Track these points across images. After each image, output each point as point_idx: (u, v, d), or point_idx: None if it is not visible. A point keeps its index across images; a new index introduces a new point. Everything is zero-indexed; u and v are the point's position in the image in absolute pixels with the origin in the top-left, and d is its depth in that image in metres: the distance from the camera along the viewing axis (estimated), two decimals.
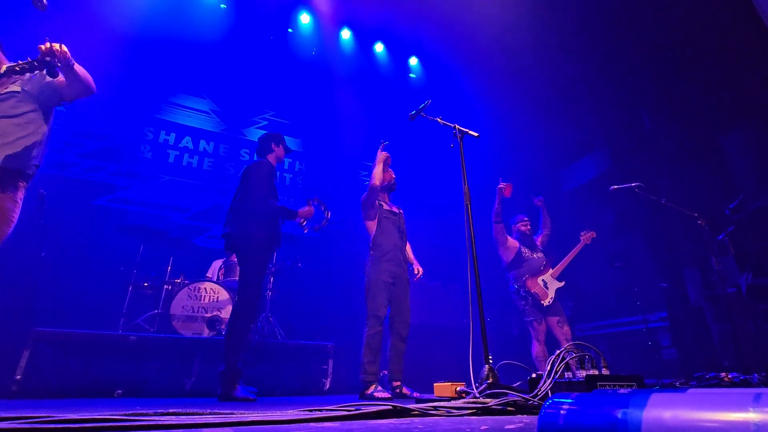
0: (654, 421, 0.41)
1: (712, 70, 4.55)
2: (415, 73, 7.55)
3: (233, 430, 0.98)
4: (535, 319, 3.91)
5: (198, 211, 5.97)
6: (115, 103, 5.67)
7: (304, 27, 6.77)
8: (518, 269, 4.10)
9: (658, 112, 5.24)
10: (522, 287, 3.99)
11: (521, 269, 4.09)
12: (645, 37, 5.09)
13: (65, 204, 4.78)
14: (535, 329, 3.91)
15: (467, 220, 2.49)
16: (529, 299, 3.94)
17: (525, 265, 4.09)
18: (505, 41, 6.07)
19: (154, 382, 3.58)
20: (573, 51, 5.71)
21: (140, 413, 1.16)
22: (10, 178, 2.07)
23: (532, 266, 4.08)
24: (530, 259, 4.12)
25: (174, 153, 6.11)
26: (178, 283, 4.33)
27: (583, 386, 1.49)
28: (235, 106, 6.73)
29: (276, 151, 3.49)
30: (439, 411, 1.42)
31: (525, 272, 4.04)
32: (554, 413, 0.50)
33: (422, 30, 6.84)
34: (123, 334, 3.67)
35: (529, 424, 1.11)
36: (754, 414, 0.36)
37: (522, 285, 3.99)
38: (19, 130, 2.12)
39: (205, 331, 4.21)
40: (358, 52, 7.03)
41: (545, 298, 3.91)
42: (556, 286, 4.01)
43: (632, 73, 5.34)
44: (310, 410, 1.38)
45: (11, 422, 0.93)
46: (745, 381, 2.84)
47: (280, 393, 3.97)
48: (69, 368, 3.38)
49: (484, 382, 1.99)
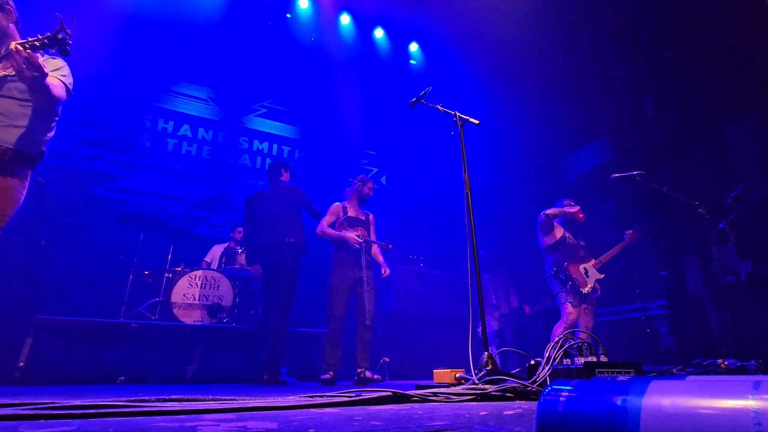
0: (653, 408, 0.41)
1: (716, 59, 4.49)
2: (416, 60, 7.46)
3: (235, 416, 0.99)
4: (572, 301, 3.84)
5: (198, 201, 5.97)
6: (112, 91, 5.62)
7: (303, 12, 6.66)
8: (559, 254, 4.00)
9: (662, 101, 5.19)
10: (562, 271, 3.91)
11: (562, 254, 3.98)
12: (648, 25, 5.02)
13: (64, 193, 4.77)
14: (569, 311, 3.82)
15: (467, 208, 2.49)
16: (568, 284, 3.87)
17: (567, 251, 3.99)
18: (507, 29, 5.98)
19: (157, 369, 3.62)
20: (575, 39, 5.63)
21: (143, 399, 1.17)
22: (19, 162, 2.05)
23: (574, 253, 4.00)
24: (573, 245, 4.03)
25: (173, 141, 6.08)
26: (178, 271, 4.35)
27: (581, 373, 1.50)
28: (234, 94, 6.68)
29: (284, 176, 4.00)
30: (439, 397, 1.43)
31: (566, 257, 3.96)
32: (553, 400, 0.50)
33: (423, 15, 6.73)
34: (125, 321, 3.70)
35: (527, 409, 1.13)
36: (754, 401, 0.36)
37: (562, 269, 3.91)
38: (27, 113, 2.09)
39: (206, 319, 4.24)
40: (358, 37, 6.93)
41: (585, 286, 3.85)
42: (597, 276, 3.95)
43: (636, 61, 5.26)
44: (311, 396, 1.39)
45: (15, 408, 0.94)
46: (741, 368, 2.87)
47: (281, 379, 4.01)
48: (71, 355, 3.41)
49: (484, 369, 2.01)
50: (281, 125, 6.98)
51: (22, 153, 2.06)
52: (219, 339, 3.95)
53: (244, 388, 2.76)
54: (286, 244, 3.67)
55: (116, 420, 0.90)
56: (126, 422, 0.87)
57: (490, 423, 0.87)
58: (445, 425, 0.84)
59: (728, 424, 0.36)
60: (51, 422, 0.85)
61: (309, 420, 0.92)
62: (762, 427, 0.34)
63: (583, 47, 5.63)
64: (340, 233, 3.77)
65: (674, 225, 4.81)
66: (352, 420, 0.93)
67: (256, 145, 6.68)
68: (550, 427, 0.49)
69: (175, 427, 0.81)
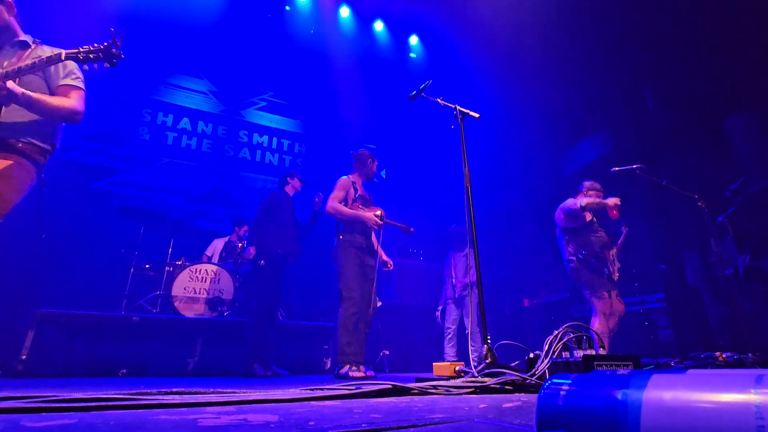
0: (654, 402, 0.41)
1: (716, 53, 4.46)
2: (416, 53, 7.41)
3: (236, 409, 0.99)
4: (607, 290, 3.59)
5: (198, 195, 5.96)
6: (111, 84, 5.58)
7: (302, 4, 6.60)
8: (586, 237, 3.74)
9: (661, 94, 5.16)
10: (594, 255, 3.65)
11: (590, 238, 3.74)
12: (649, 18, 4.97)
13: (65, 187, 4.77)
14: (604, 301, 3.55)
15: (467, 202, 2.49)
16: (605, 271, 3.63)
17: (595, 236, 3.77)
18: (507, 22, 5.93)
19: (158, 362, 3.64)
20: (576, 32, 5.58)
21: (144, 392, 1.18)
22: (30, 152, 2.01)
23: (601, 239, 3.78)
24: (600, 231, 3.82)
25: (172, 135, 6.06)
26: (179, 264, 4.35)
27: (580, 366, 1.51)
28: (234, 87, 6.63)
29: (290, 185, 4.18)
30: (438, 390, 1.44)
31: (596, 242, 3.74)
32: (553, 394, 0.50)
33: (423, 8, 6.68)
34: (126, 315, 3.71)
35: (527, 402, 1.13)
36: (756, 395, 0.36)
37: (594, 254, 3.66)
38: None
39: (207, 312, 4.25)
40: (358, 30, 6.88)
41: (615, 273, 3.69)
42: (617, 265, 3.79)
43: (636, 54, 5.23)
44: (311, 389, 1.40)
45: (17, 401, 0.95)
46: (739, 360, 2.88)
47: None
48: (73, 348, 3.43)
49: (483, 362, 2.02)
50: (281, 118, 6.95)
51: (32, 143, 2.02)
52: (220, 332, 3.97)
53: (245, 381, 2.78)
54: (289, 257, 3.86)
55: (118, 413, 0.91)
56: (127, 415, 0.87)
57: (490, 416, 0.88)
58: (445, 418, 0.84)
59: (730, 419, 0.36)
60: (53, 415, 0.86)
61: (309, 413, 0.93)
62: (764, 421, 0.34)
63: (582, 40, 5.59)
64: (356, 212, 3.44)
65: (673, 218, 4.82)
66: (352, 412, 0.94)
67: (256, 139, 6.65)
68: (550, 421, 0.49)
69: (176, 419, 0.81)
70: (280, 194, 4.06)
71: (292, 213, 4.03)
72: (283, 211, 3.93)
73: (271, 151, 6.70)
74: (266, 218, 3.86)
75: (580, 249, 3.71)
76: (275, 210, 3.91)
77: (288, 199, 4.07)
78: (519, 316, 6.01)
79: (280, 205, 3.95)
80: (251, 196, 6.23)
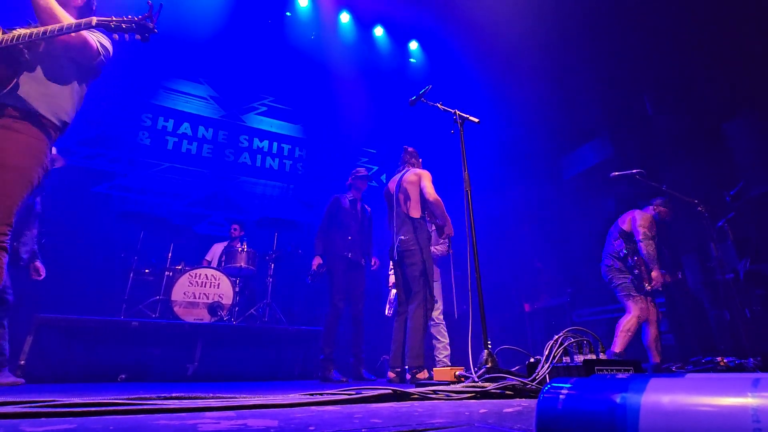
0: (653, 405, 0.41)
1: (716, 57, 4.49)
2: (416, 58, 7.44)
3: (236, 414, 0.99)
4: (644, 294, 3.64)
5: (198, 198, 5.96)
6: (111, 89, 5.60)
7: (303, 10, 6.64)
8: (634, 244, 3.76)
9: (661, 99, 5.18)
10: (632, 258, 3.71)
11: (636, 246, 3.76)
12: (648, 22, 5.01)
13: (65, 191, 4.76)
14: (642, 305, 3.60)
15: (467, 206, 2.49)
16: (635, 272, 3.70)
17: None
18: (506, 27, 5.97)
19: (157, 367, 3.63)
20: (575, 37, 5.62)
21: (143, 397, 1.18)
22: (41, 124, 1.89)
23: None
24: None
25: (173, 139, 6.07)
26: (179, 269, 4.35)
27: (581, 371, 1.50)
28: (234, 92, 6.66)
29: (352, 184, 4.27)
30: (439, 395, 1.44)
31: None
32: (553, 398, 0.50)
33: (422, 14, 6.71)
34: (125, 319, 3.70)
35: (527, 407, 1.13)
36: (753, 399, 0.36)
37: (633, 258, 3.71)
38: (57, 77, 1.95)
39: (206, 317, 4.24)
40: (358, 35, 6.92)
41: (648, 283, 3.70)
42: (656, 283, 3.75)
43: (635, 59, 5.26)
44: (311, 394, 1.39)
45: (16, 406, 0.94)
46: (740, 365, 2.88)
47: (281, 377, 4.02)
48: (72, 353, 3.41)
49: (483, 367, 2.02)
50: (281, 123, 6.98)
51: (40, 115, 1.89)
52: (219, 337, 3.96)
53: (245, 386, 2.77)
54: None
55: (117, 418, 0.91)
56: (127, 420, 0.87)
57: (490, 420, 0.88)
58: (445, 423, 0.84)
59: (727, 422, 0.36)
60: (52, 420, 0.86)
61: (309, 418, 0.93)
62: (761, 424, 0.34)
63: (582, 45, 5.63)
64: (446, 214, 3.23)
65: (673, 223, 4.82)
66: (352, 417, 0.93)
67: (257, 144, 6.67)
68: (549, 425, 0.49)
69: (176, 425, 0.81)
70: (340, 198, 4.12)
71: (355, 216, 4.04)
72: (343, 215, 3.99)
73: (272, 156, 6.71)
74: (327, 224, 3.99)
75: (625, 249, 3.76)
76: (336, 215, 3.99)
77: (352, 202, 4.10)
78: (520, 321, 5.99)
79: (340, 210, 4.01)
80: (251, 201, 6.24)
